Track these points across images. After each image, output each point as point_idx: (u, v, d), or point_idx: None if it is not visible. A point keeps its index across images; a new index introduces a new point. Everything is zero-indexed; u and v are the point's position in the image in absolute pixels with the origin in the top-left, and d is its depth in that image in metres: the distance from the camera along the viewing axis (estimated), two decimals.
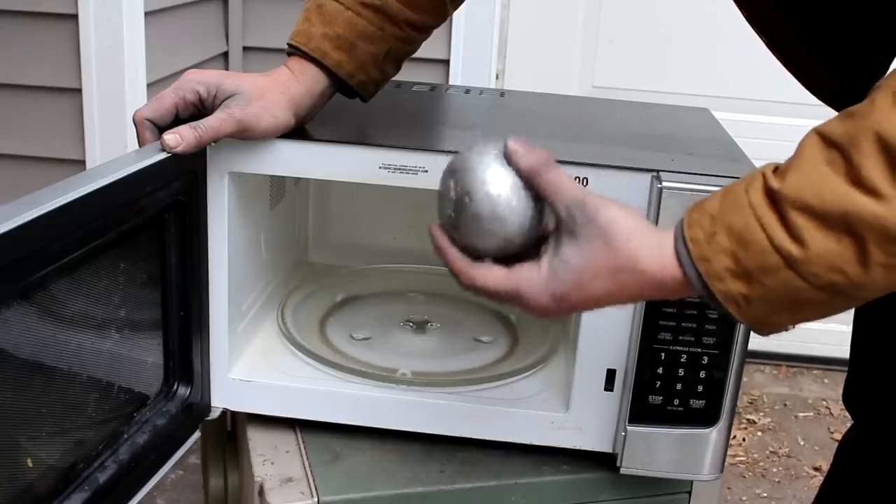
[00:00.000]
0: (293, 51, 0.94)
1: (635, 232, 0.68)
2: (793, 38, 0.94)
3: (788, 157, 0.64)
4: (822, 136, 0.62)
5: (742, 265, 0.63)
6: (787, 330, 0.67)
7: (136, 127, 0.88)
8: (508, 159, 0.71)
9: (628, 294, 0.69)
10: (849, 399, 1.10)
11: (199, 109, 0.90)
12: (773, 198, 0.62)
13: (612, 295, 0.69)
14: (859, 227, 0.59)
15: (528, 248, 0.73)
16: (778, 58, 0.99)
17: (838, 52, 0.94)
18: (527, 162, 0.71)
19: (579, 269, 0.68)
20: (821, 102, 1.00)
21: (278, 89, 0.91)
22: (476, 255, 0.74)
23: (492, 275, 0.72)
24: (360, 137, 0.94)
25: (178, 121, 0.89)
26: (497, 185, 0.71)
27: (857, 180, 0.59)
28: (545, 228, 0.74)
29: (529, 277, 0.70)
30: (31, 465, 0.73)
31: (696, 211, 0.66)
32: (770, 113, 2.30)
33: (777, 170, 0.64)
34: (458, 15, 2.09)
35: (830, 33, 0.93)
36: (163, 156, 0.84)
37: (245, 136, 0.89)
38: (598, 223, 0.68)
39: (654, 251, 0.67)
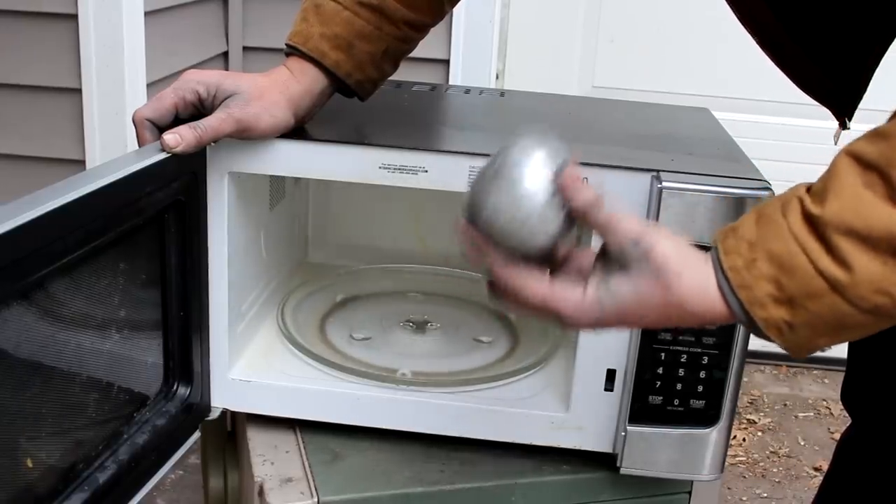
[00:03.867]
0: (291, 51, 0.94)
1: (685, 267, 0.66)
2: (784, 37, 0.95)
3: (820, 177, 0.63)
4: (856, 158, 0.62)
5: (785, 291, 0.63)
6: (822, 350, 0.67)
7: (135, 127, 0.88)
8: (559, 188, 0.69)
9: (671, 323, 0.69)
10: (847, 398, 1.10)
11: (199, 109, 0.90)
12: (813, 223, 0.62)
13: (653, 323, 0.69)
14: None
15: (549, 255, 0.72)
16: (770, 57, 0.99)
17: (830, 50, 0.94)
18: (581, 200, 0.69)
19: (627, 302, 0.67)
20: (816, 103, 1.00)
21: (277, 89, 0.91)
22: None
23: (529, 284, 0.70)
24: (360, 137, 0.94)
25: (177, 121, 0.89)
26: (536, 186, 0.68)
27: None
28: (568, 249, 0.73)
29: (573, 300, 0.69)
30: (30, 465, 0.73)
31: (731, 237, 0.65)
32: (770, 113, 2.30)
33: (811, 190, 0.63)
34: (458, 15, 2.10)
35: (821, 32, 0.93)
36: (162, 156, 0.84)
37: (245, 136, 0.89)
38: (651, 260, 0.66)
39: (701, 289, 0.66)
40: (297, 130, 0.94)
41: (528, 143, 0.70)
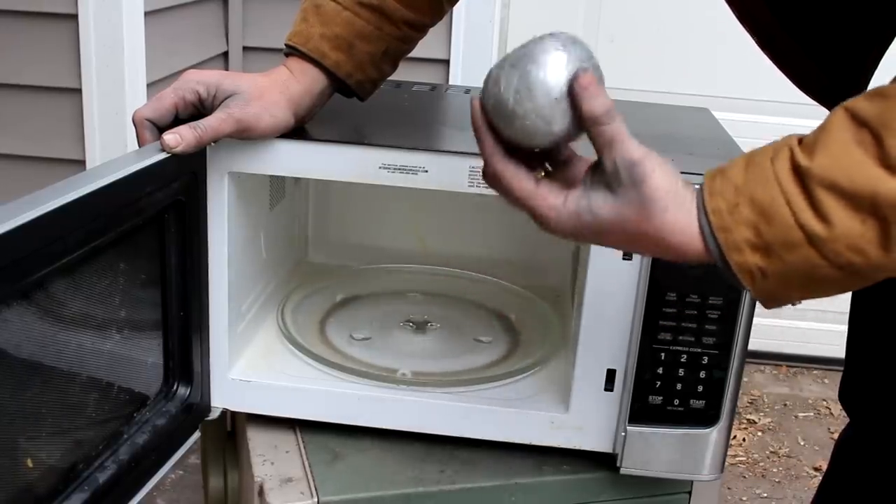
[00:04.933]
0: (291, 51, 0.94)
1: (672, 203, 0.66)
2: (783, 35, 0.94)
3: (815, 129, 0.63)
4: (852, 114, 0.62)
5: (763, 238, 0.63)
6: (793, 304, 0.67)
7: (135, 127, 0.88)
8: (572, 91, 0.68)
9: (642, 250, 0.70)
10: (845, 397, 1.10)
11: (199, 109, 0.90)
12: (800, 174, 0.62)
13: (624, 247, 0.70)
14: (886, 210, 0.60)
15: (546, 154, 0.72)
16: (769, 56, 0.98)
17: (828, 48, 0.94)
18: (592, 106, 0.68)
19: (606, 221, 0.68)
20: (816, 103, 1.00)
21: (277, 89, 0.91)
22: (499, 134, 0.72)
23: (517, 178, 0.70)
24: (360, 137, 0.94)
25: (177, 121, 0.89)
26: (548, 83, 0.68)
27: (888, 164, 0.59)
28: (568, 154, 0.73)
29: (552, 205, 0.69)
30: (31, 465, 0.73)
31: (719, 179, 0.66)
32: (770, 113, 2.30)
33: (802, 142, 0.63)
34: (458, 15, 2.10)
35: (820, 29, 0.92)
36: (163, 156, 0.84)
37: (245, 136, 0.89)
38: (642, 190, 0.66)
39: (683, 226, 0.66)
40: (297, 130, 0.94)
41: (554, 42, 0.70)
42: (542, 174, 0.72)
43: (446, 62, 2.14)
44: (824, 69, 0.95)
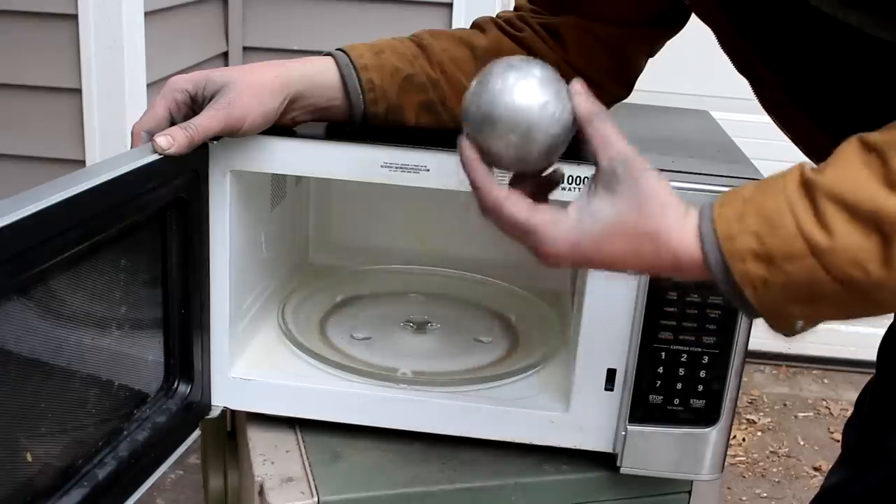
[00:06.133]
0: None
1: (670, 204, 0.68)
2: (785, 98, 0.91)
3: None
4: (862, 140, 0.64)
5: (766, 247, 0.64)
6: (795, 331, 0.68)
7: (132, 138, 0.87)
8: (570, 95, 0.71)
9: (642, 263, 0.69)
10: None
11: (193, 109, 0.89)
12: (807, 186, 0.63)
13: (625, 260, 0.69)
14: (888, 227, 0.61)
15: (538, 173, 0.74)
16: (789, 136, 0.94)
17: (834, 113, 0.90)
18: (586, 105, 0.70)
19: (607, 224, 0.68)
20: None
21: (271, 69, 0.90)
22: (490, 163, 0.73)
23: (515, 204, 0.70)
24: (361, 136, 0.94)
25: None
26: (535, 98, 0.70)
27: (893, 183, 0.61)
28: (555, 171, 0.75)
29: (553, 220, 0.69)
30: (30, 459, 0.73)
31: (730, 193, 0.67)
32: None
33: (815, 167, 0.65)
34: (458, 15, 2.09)
35: (826, 94, 0.88)
36: None
37: (237, 132, 0.88)
38: (639, 185, 0.67)
39: (679, 227, 0.67)
40: (299, 129, 0.94)
41: (521, 64, 0.72)
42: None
43: None
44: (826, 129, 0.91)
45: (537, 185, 0.75)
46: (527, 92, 0.70)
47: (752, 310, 0.67)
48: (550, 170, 0.75)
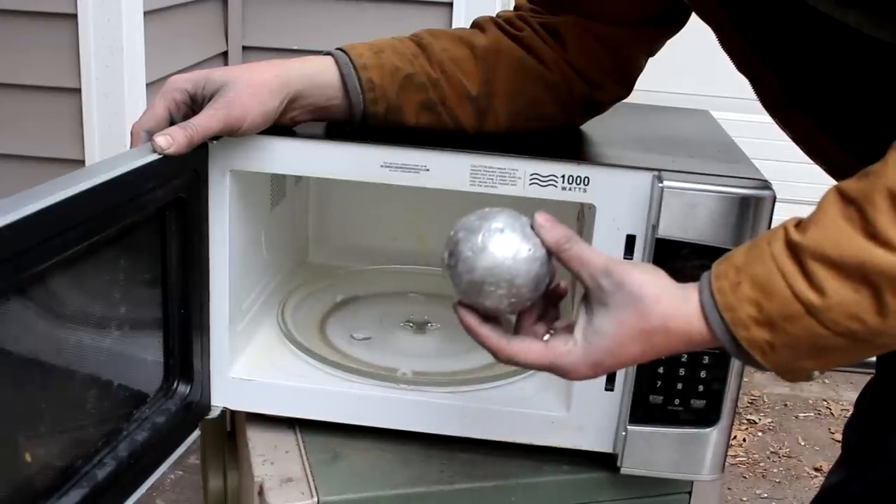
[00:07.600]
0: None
1: (662, 293, 0.70)
2: (785, 97, 0.90)
3: (811, 213, 0.67)
4: (840, 193, 0.65)
5: (765, 313, 0.66)
6: (813, 378, 0.70)
7: (131, 138, 0.87)
8: (536, 231, 0.74)
9: (659, 352, 0.72)
10: None
11: (193, 108, 0.88)
12: (793, 249, 0.65)
13: (645, 355, 0.72)
14: (875, 277, 0.62)
15: (539, 301, 0.76)
16: (789, 135, 0.93)
17: (833, 112, 0.89)
18: (553, 236, 0.73)
19: (613, 336, 0.71)
20: None
21: (271, 67, 0.90)
22: (488, 315, 0.77)
23: (529, 351, 0.75)
24: (361, 135, 0.94)
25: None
26: (506, 250, 0.73)
27: (873, 234, 0.62)
28: (557, 287, 0.77)
29: (566, 351, 0.73)
30: (29, 459, 0.73)
31: (724, 263, 0.69)
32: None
33: (799, 224, 0.66)
34: (458, 15, 2.09)
35: (825, 93, 0.88)
36: None
37: (237, 132, 0.87)
38: (626, 289, 0.70)
39: (680, 309, 0.70)
40: (299, 128, 0.94)
41: (480, 223, 0.75)
42: (547, 334, 0.76)
43: None
44: (841, 142, 0.89)
45: (543, 306, 0.78)
46: (496, 249, 0.73)
47: (767, 369, 0.69)
48: (550, 287, 0.77)
